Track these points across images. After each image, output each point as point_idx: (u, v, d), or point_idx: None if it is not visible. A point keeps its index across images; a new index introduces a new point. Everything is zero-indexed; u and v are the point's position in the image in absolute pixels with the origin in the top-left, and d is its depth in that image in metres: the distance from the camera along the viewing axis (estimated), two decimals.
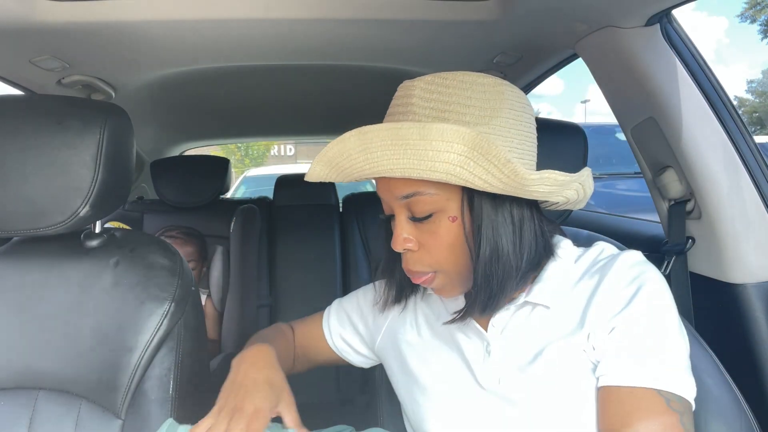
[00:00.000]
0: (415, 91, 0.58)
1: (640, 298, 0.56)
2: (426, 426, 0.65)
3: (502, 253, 0.58)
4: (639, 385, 0.52)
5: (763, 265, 0.87)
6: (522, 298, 0.62)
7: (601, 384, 0.55)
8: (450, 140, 0.51)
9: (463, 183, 0.53)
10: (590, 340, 0.58)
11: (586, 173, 0.61)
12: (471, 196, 0.57)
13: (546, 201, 0.63)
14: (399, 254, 0.66)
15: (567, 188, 0.58)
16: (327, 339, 0.81)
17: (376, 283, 0.80)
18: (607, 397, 0.54)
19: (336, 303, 0.84)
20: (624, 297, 0.57)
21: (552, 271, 0.62)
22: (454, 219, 0.58)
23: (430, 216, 0.58)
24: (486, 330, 0.64)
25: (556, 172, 0.55)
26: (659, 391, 0.52)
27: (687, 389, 0.53)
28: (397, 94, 0.61)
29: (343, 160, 0.58)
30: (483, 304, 0.59)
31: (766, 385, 0.83)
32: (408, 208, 0.59)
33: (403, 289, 0.72)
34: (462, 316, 0.61)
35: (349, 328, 0.80)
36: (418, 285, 0.67)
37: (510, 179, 0.53)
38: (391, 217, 0.63)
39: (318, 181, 0.64)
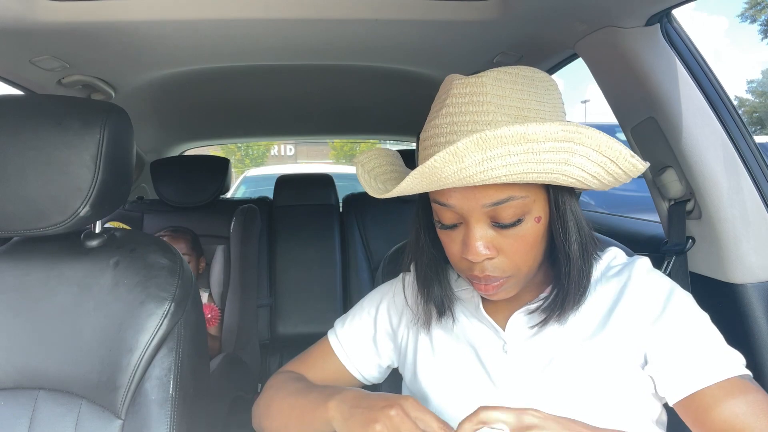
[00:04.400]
0: (487, 88, 0.54)
1: (674, 305, 0.59)
2: None
3: (587, 247, 0.59)
4: (723, 378, 0.54)
5: (763, 265, 0.87)
6: (540, 296, 0.63)
7: (681, 396, 0.56)
8: (562, 139, 0.49)
9: (578, 178, 0.52)
10: (617, 345, 0.59)
11: None
12: (555, 194, 0.57)
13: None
14: (441, 264, 0.66)
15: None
16: (359, 379, 0.77)
17: (377, 295, 0.78)
18: (698, 402, 0.55)
19: (349, 340, 0.76)
20: (657, 305, 0.59)
21: None
22: (539, 219, 0.57)
23: (518, 221, 0.56)
24: (504, 329, 0.64)
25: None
26: (739, 376, 0.55)
27: (746, 370, 0.56)
28: (458, 91, 0.55)
29: (446, 167, 0.51)
30: (575, 299, 0.59)
31: (766, 385, 0.83)
32: (492, 215, 0.55)
33: (444, 300, 0.68)
34: (553, 317, 0.60)
35: (384, 357, 0.76)
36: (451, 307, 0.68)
37: (623, 172, 0.52)
38: (453, 227, 0.59)
39: (406, 194, 0.58)
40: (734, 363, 0.56)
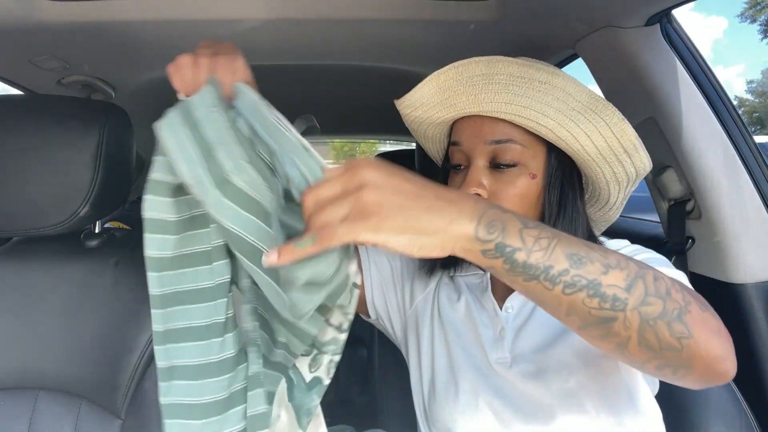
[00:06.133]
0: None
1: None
2: (437, 406, 0.66)
3: (575, 218, 0.62)
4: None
5: (763, 265, 0.87)
6: None
7: None
8: (571, 92, 0.56)
9: (565, 138, 0.57)
10: None
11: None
12: (554, 159, 0.61)
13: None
14: None
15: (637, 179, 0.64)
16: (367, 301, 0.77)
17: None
18: None
19: (369, 262, 0.77)
20: None
21: None
22: (534, 176, 0.61)
23: (513, 166, 0.60)
24: (501, 310, 0.66)
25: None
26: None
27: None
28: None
29: (458, 84, 0.60)
30: None
31: (766, 385, 0.83)
32: (493, 155, 0.61)
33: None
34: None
35: (390, 288, 0.77)
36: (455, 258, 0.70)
37: (616, 140, 0.57)
38: (457, 168, 0.64)
39: (414, 105, 0.65)
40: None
